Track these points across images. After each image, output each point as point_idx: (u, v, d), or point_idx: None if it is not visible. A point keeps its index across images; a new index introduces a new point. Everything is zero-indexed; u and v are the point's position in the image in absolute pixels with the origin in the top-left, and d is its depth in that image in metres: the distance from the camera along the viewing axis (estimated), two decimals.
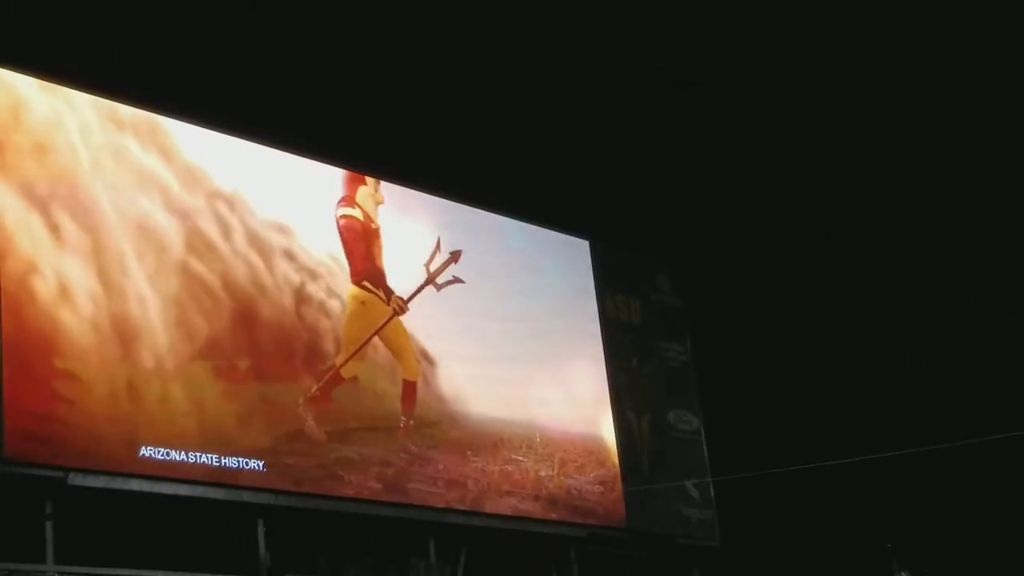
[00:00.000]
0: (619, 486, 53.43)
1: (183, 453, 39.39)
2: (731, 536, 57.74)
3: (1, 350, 36.51)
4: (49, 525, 36.67)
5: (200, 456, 39.73)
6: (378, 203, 49.34)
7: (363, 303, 48.44)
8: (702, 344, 60.05)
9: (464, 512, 46.39)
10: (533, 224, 57.48)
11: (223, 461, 39.88)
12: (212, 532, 41.32)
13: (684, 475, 52.01)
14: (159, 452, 38.68)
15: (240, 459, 40.33)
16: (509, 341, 54.05)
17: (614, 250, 59.54)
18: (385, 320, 47.06)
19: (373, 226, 49.51)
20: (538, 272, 56.98)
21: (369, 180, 50.47)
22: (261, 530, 40.83)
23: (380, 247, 49.66)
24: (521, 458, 50.35)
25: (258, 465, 40.39)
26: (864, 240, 64.01)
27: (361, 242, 47.89)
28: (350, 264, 48.07)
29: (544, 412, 54.03)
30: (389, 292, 49.09)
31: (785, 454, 49.06)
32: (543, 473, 53.80)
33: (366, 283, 48.21)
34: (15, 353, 36.14)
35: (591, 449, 55.13)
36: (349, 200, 49.46)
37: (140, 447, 37.85)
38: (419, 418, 47.48)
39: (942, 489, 58.63)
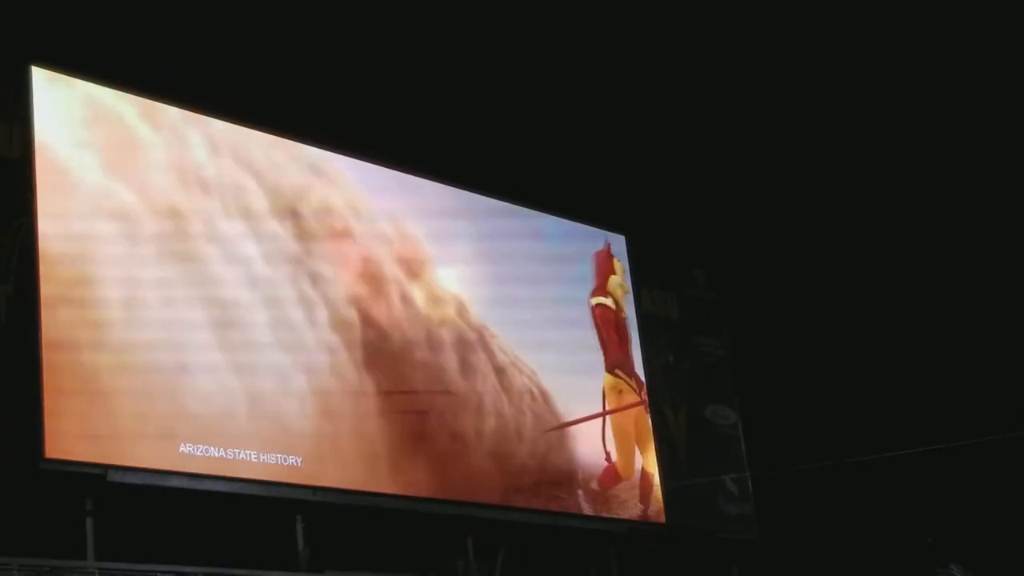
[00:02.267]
0: (657, 482, 52.24)
1: (222, 450, 40.11)
2: (770, 531, 57.78)
3: (41, 350, 37.52)
4: (89, 521, 37.31)
5: (241, 451, 40.48)
6: (625, 292, 51.44)
7: (620, 392, 53.92)
8: (739, 338, 59.76)
9: (503, 506, 47.27)
10: (570, 220, 57.99)
11: (261, 457, 40.68)
12: (251, 528, 42.05)
13: (722, 470, 52.12)
14: (198, 449, 39.41)
15: (279, 455, 41.20)
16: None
17: (650, 246, 59.62)
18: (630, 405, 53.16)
19: (623, 315, 53.58)
20: (575, 266, 58.74)
21: (617, 268, 54.76)
22: (299, 526, 41.43)
23: (628, 335, 53.79)
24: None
25: (296, 461, 41.22)
26: (903, 233, 64.12)
27: (614, 331, 50.30)
28: (604, 352, 52.43)
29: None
30: (640, 383, 53.95)
31: (824, 449, 49.11)
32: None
33: (618, 371, 52.66)
34: (55, 353, 37.26)
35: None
36: (601, 289, 53.47)
37: (180, 444, 38.62)
38: None
39: (985, 483, 58.59)
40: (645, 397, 52.04)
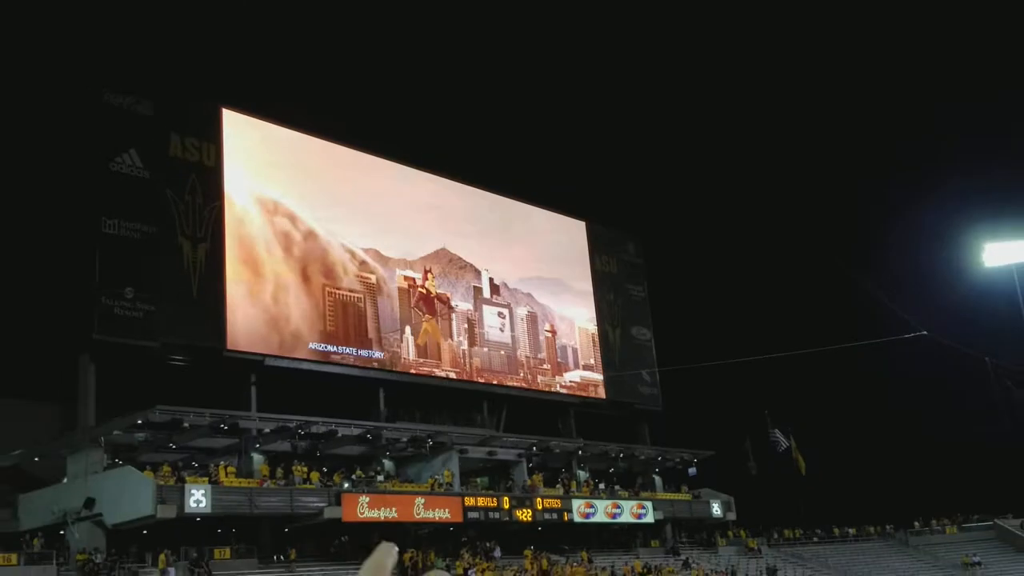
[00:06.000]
0: (601, 373, 57.73)
1: (337, 347, 40.77)
2: (669, 404, 59.99)
3: (225, 284, 37.86)
4: (254, 389, 38.09)
5: (345, 349, 41.03)
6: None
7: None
8: (654, 286, 63.12)
9: (505, 385, 47.33)
10: (551, 211, 58.44)
11: (359, 352, 41.36)
12: (352, 394, 42.62)
13: (640, 367, 54.07)
14: (320, 346, 40.31)
15: (368, 351, 41.90)
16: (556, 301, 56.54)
17: (601, 229, 60.68)
18: None
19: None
20: (570, 251, 57.96)
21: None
22: (381, 394, 41.77)
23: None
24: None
25: (381, 355, 41.62)
26: (755, 232, 65.00)
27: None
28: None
29: (581, 344, 56.63)
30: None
31: (703, 355, 50.07)
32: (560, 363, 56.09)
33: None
34: (232, 286, 38.06)
35: (588, 349, 57.58)
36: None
37: (309, 343, 39.46)
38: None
39: (803, 377, 59.07)
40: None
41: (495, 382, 53.34)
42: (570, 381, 56.99)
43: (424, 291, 51.57)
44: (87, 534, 35.81)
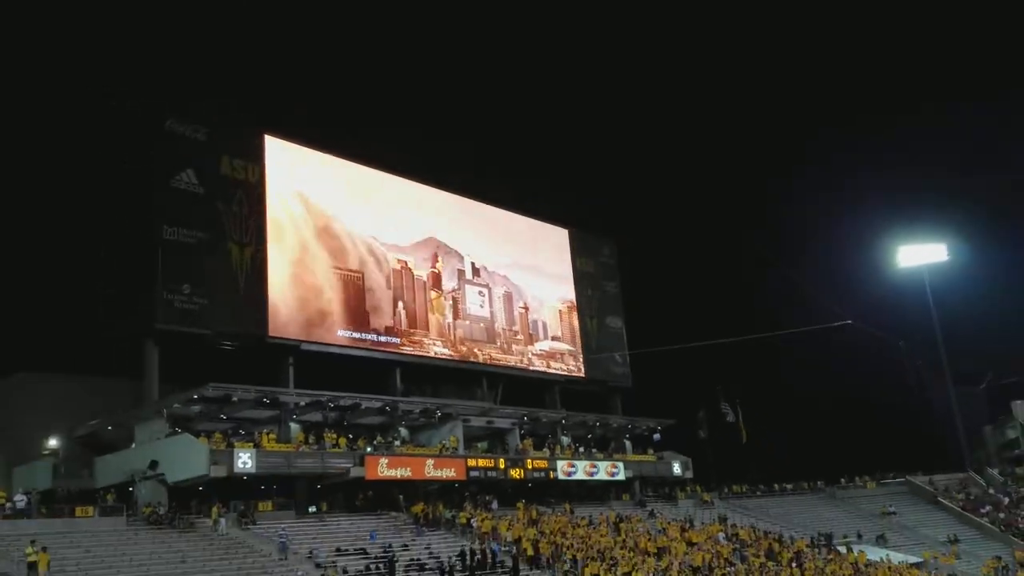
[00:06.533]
0: (581, 356, 59.00)
1: (361, 333, 40.38)
2: (638, 382, 59.97)
3: (267, 280, 37.46)
4: (291, 369, 37.81)
5: (368, 335, 40.64)
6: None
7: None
8: (626, 283, 62.38)
9: (502, 365, 46.94)
10: (540, 221, 58.48)
11: (379, 338, 40.96)
12: (374, 373, 42.29)
13: (614, 350, 53.25)
14: (347, 333, 40.01)
15: (387, 337, 41.51)
16: (530, 284, 55.75)
17: (581, 235, 60.76)
18: None
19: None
20: (544, 247, 57.73)
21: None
22: (398, 373, 41.35)
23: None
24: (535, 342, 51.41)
25: (397, 340, 41.20)
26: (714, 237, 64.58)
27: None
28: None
29: (550, 319, 56.21)
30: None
31: (666, 339, 49.83)
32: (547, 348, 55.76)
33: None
34: (274, 280, 37.67)
35: (571, 336, 57.52)
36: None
37: (338, 330, 39.08)
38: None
39: (753, 359, 58.81)
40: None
41: (477, 351, 51.99)
42: (540, 349, 56.19)
43: (435, 272, 50.71)
44: (152, 491, 35.64)
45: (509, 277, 57.20)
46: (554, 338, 58.33)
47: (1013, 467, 68.52)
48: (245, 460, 36.10)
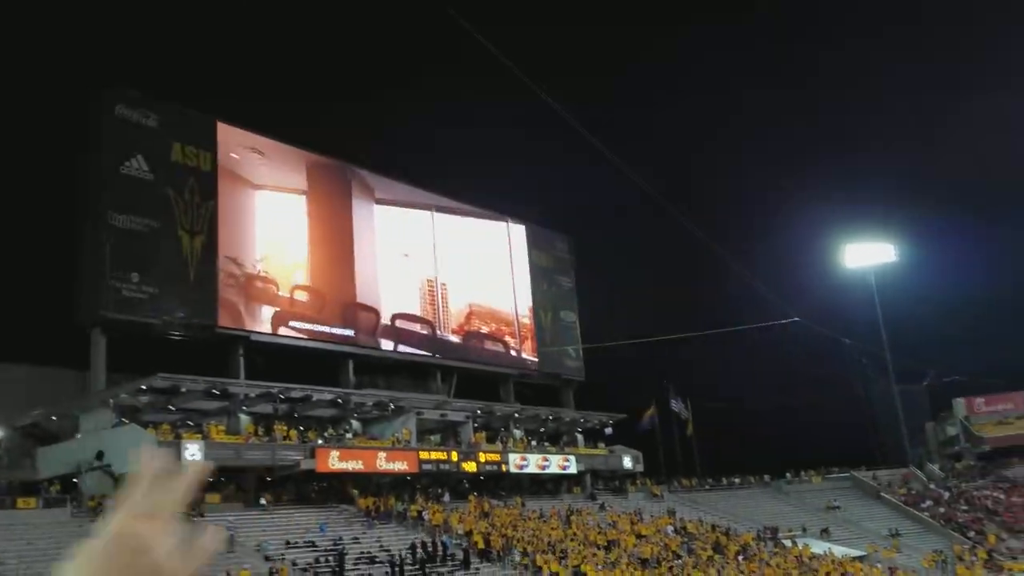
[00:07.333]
0: (536, 350, 58.38)
1: (312, 324, 40.35)
2: (589, 375, 60.46)
3: (217, 271, 37.47)
4: (241, 360, 37.58)
5: (318, 326, 40.69)
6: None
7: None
8: (580, 278, 62.98)
9: (455, 359, 47.29)
10: (504, 219, 58.07)
11: (332, 329, 41.00)
12: (324, 367, 42.27)
13: (567, 344, 53.24)
14: (299, 324, 39.75)
15: (341, 329, 41.47)
16: (490, 277, 55.37)
17: (537, 230, 60.66)
18: None
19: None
20: (504, 242, 57.46)
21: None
22: (351, 365, 41.47)
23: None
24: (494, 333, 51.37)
25: (351, 332, 41.28)
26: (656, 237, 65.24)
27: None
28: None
29: (508, 311, 56.09)
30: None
31: (618, 335, 49.97)
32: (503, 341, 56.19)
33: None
34: (224, 271, 37.56)
35: (526, 330, 57.26)
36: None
37: (290, 320, 39.01)
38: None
39: (703, 355, 59.69)
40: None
41: (445, 356, 52.27)
42: (495, 342, 55.88)
43: None
44: (97, 482, 35.15)
45: (465, 269, 56.30)
46: (507, 332, 58.47)
47: (953, 463, 70.81)
48: (193, 452, 35.86)
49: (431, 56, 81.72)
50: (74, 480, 36.57)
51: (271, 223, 45.64)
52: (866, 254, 74.71)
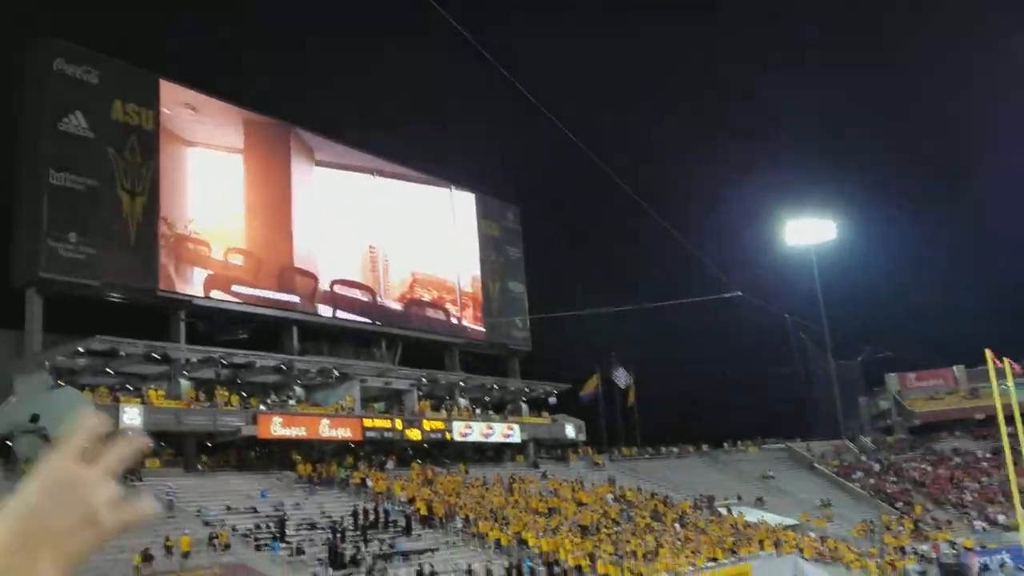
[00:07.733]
0: (482, 319, 53.30)
1: (257, 290, 39.89)
2: (536, 346, 61.03)
3: (159, 231, 36.84)
4: (182, 324, 37.23)
5: (257, 290, 40.17)
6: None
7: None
8: (528, 248, 63.00)
9: (397, 327, 47.20)
10: (449, 186, 57.61)
11: (277, 296, 40.62)
12: (268, 332, 41.83)
13: (514, 315, 53.75)
14: (243, 289, 39.26)
15: (285, 294, 41.08)
16: (436, 245, 54.85)
17: (486, 199, 60.33)
18: None
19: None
20: (452, 212, 56.83)
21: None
22: (295, 331, 41.14)
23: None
24: (438, 301, 51.22)
25: (296, 299, 40.90)
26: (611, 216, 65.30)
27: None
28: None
29: (453, 280, 55.57)
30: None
31: (564, 306, 50.45)
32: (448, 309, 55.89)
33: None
34: (165, 232, 36.90)
35: (472, 299, 57.01)
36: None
37: (232, 285, 38.51)
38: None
39: (647, 327, 60.42)
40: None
41: (391, 324, 52.04)
42: (438, 310, 55.63)
43: None
44: (32, 445, 33.34)
45: (408, 236, 55.46)
46: (452, 301, 57.94)
47: (884, 436, 72.53)
48: (132, 416, 35.56)
49: (393, 29, 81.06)
50: (7, 443, 35.54)
51: (205, 182, 44.58)
52: (808, 231, 76.52)
